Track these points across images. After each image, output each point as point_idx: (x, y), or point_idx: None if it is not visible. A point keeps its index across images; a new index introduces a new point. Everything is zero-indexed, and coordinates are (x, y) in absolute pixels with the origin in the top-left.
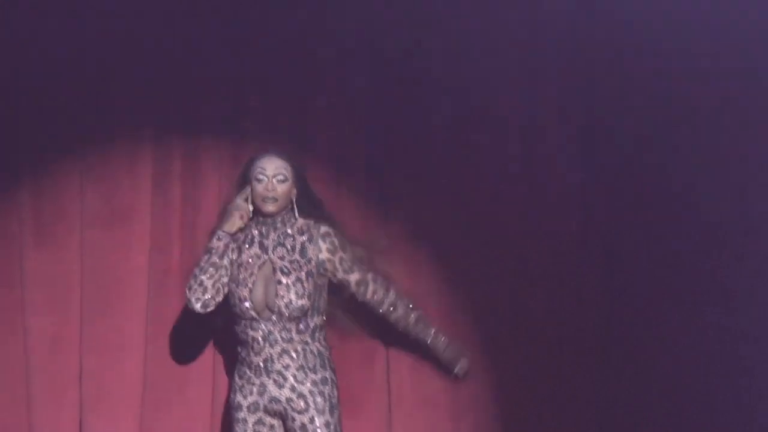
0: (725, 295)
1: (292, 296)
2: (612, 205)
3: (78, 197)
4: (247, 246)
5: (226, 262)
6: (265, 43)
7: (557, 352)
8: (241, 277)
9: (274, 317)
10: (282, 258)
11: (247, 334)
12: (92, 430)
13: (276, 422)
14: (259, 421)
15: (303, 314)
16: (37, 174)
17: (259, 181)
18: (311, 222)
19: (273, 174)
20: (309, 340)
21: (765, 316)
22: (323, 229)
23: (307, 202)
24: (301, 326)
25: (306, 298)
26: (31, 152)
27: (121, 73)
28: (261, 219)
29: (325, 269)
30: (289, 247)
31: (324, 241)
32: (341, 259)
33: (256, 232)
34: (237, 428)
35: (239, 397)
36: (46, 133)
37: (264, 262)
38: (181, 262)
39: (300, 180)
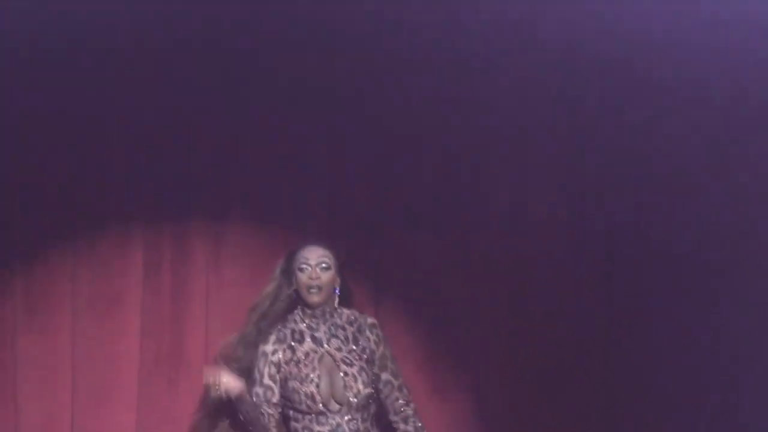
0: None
1: (360, 386)
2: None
3: (69, 283)
4: (297, 343)
5: (267, 382)
6: (252, 131)
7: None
8: (303, 374)
9: (342, 409)
10: (339, 350)
11: (312, 429)
12: None
13: None
14: None
15: (368, 402)
16: (28, 260)
17: (303, 271)
18: (357, 312)
19: (317, 263)
20: (370, 427)
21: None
22: (370, 320)
23: (345, 292)
24: (365, 414)
25: (370, 386)
26: (22, 239)
27: (111, 160)
28: (308, 312)
29: (372, 359)
30: (342, 338)
31: (371, 333)
32: (382, 354)
33: (304, 326)
34: None
35: None
36: (37, 219)
37: (322, 356)
38: (171, 347)
39: (341, 269)
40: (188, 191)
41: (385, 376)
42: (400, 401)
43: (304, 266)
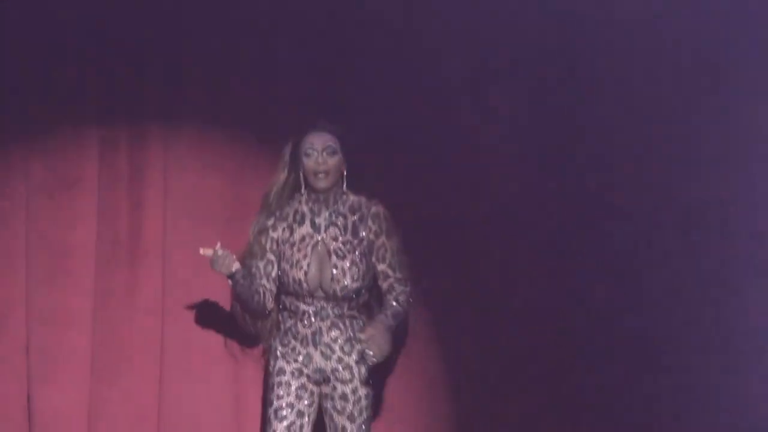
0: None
1: (348, 280)
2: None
3: (22, 167)
4: (297, 225)
5: (269, 255)
6: (207, 14)
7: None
8: (294, 258)
9: (329, 297)
10: (335, 239)
11: (297, 306)
12: (40, 401)
13: (316, 389)
14: (302, 387)
15: (357, 294)
16: None
17: (309, 156)
18: (363, 199)
19: (322, 147)
20: (356, 314)
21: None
22: (374, 209)
23: (358, 178)
24: (353, 303)
25: (360, 280)
26: None
27: (66, 43)
28: (313, 195)
29: (370, 249)
30: (341, 226)
31: (373, 222)
32: (381, 245)
33: (306, 209)
34: (279, 392)
35: (282, 363)
36: None
37: (317, 243)
38: (129, 232)
39: (350, 153)
40: (145, 74)
41: (381, 267)
42: (393, 285)
43: (310, 151)
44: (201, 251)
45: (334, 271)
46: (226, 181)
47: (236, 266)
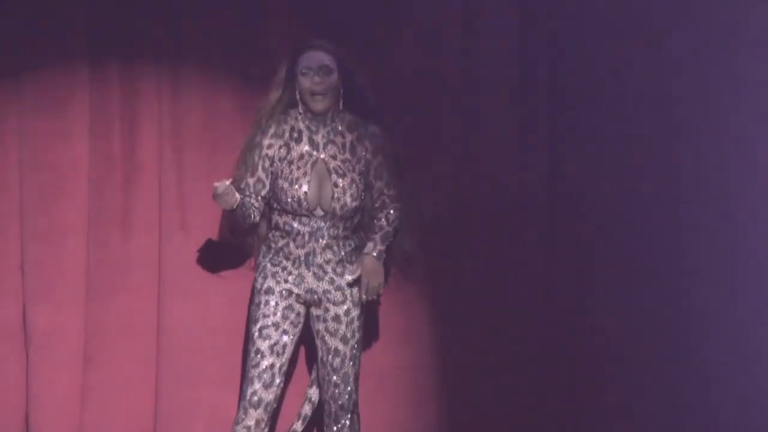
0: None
1: (348, 198)
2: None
3: (12, 86)
4: (294, 142)
5: (260, 173)
6: None
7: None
8: (294, 175)
9: (326, 215)
10: (334, 157)
11: (292, 227)
12: (36, 319)
13: (303, 310)
14: (289, 307)
15: (354, 214)
16: None
17: (305, 75)
18: (360, 119)
19: (319, 67)
20: (351, 235)
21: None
22: (371, 128)
23: (358, 99)
24: (348, 224)
25: (359, 199)
26: None
27: None
28: (309, 114)
29: (367, 168)
30: (339, 145)
31: (370, 142)
32: (379, 164)
33: (303, 126)
34: (266, 310)
35: (271, 282)
36: None
37: (316, 161)
38: (123, 147)
39: (348, 72)
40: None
41: (378, 184)
42: (385, 201)
43: (305, 71)
44: (214, 184)
45: (335, 189)
46: (222, 99)
47: (236, 201)
